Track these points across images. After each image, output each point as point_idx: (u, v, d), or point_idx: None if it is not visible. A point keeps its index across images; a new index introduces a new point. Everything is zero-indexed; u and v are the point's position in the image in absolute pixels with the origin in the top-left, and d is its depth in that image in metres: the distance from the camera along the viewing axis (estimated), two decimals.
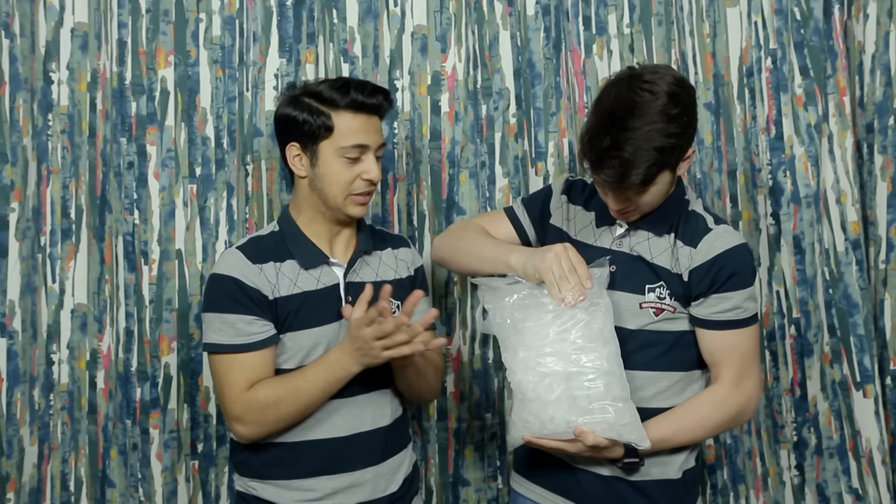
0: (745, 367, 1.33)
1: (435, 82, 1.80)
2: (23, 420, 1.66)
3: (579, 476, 1.36)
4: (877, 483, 1.82)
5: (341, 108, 1.36)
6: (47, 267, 1.73)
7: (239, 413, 1.32)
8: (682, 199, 1.37)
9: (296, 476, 1.36)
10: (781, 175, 1.83)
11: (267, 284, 1.35)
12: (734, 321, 1.31)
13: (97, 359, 1.74)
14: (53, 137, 1.73)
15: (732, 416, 1.34)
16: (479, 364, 1.81)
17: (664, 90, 1.23)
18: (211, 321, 1.35)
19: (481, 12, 1.82)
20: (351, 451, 1.38)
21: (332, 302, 1.39)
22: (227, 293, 1.33)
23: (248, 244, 1.40)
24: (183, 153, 1.72)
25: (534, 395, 1.27)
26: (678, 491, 1.35)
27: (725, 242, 1.31)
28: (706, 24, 1.88)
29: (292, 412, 1.32)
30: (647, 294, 1.33)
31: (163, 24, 1.72)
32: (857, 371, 1.82)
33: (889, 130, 1.84)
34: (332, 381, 1.31)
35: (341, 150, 1.35)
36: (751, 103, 1.86)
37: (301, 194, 1.42)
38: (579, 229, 1.45)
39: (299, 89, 1.42)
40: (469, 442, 1.81)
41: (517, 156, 1.82)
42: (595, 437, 1.22)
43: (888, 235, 1.85)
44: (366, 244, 1.46)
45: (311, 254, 1.39)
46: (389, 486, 1.42)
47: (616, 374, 1.26)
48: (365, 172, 1.37)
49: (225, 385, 1.33)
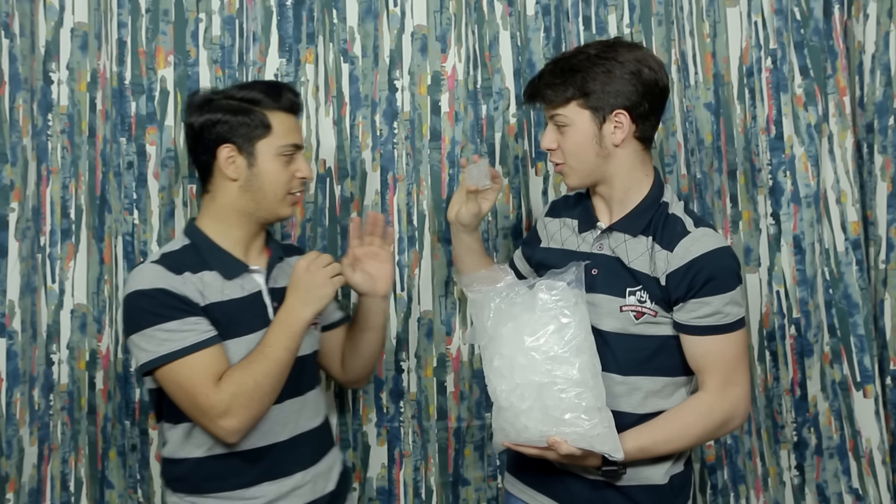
0: (731, 373, 1.30)
1: (435, 82, 1.79)
2: (22, 420, 1.66)
3: (567, 480, 1.36)
4: (877, 483, 1.82)
5: (275, 109, 1.38)
6: (47, 267, 1.73)
7: (224, 407, 1.26)
8: (657, 201, 1.35)
9: (238, 486, 1.34)
10: (781, 175, 1.83)
11: (195, 292, 1.31)
12: (716, 326, 1.28)
13: (97, 359, 1.74)
14: (53, 137, 1.73)
15: (718, 425, 1.31)
16: (478, 364, 1.80)
17: (621, 55, 1.30)
18: (151, 337, 1.27)
19: (481, 12, 1.82)
20: (290, 454, 1.38)
21: (258, 308, 1.39)
22: (160, 304, 1.28)
23: (164, 258, 1.35)
24: (183, 153, 1.72)
25: (507, 403, 1.27)
26: (665, 496, 1.33)
27: (702, 246, 1.28)
28: (706, 24, 1.88)
29: (272, 382, 1.29)
30: (627, 297, 1.31)
31: (162, 24, 1.72)
32: (858, 371, 1.82)
33: (889, 130, 1.84)
34: (292, 336, 1.32)
35: (280, 149, 1.37)
36: (751, 103, 1.86)
37: (224, 200, 1.38)
38: (565, 238, 1.45)
39: (214, 94, 1.40)
40: (469, 442, 1.81)
41: (517, 156, 1.82)
42: (568, 447, 1.22)
43: (888, 235, 1.85)
44: (278, 251, 1.48)
45: (230, 263, 1.38)
46: (327, 486, 1.44)
47: (589, 384, 1.24)
48: (299, 171, 1.40)
49: (195, 388, 1.26)
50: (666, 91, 1.35)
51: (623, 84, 1.30)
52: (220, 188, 1.39)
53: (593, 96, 1.31)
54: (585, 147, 1.33)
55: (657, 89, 1.32)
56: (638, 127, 1.32)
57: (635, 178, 1.36)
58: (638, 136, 1.33)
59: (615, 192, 1.37)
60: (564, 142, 1.35)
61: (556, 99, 1.34)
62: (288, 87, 1.43)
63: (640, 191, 1.36)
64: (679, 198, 1.41)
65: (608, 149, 1.33)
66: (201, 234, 1.39)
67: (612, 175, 1.35)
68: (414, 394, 1.80)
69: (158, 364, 1.28)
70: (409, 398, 1.80)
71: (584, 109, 1.32)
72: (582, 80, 1.31)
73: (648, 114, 1.32)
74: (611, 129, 1.32)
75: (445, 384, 1.79)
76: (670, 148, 1.84)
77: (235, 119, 1.35)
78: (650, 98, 1.31)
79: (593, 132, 1.32)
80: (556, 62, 1.36)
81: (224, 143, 1.36)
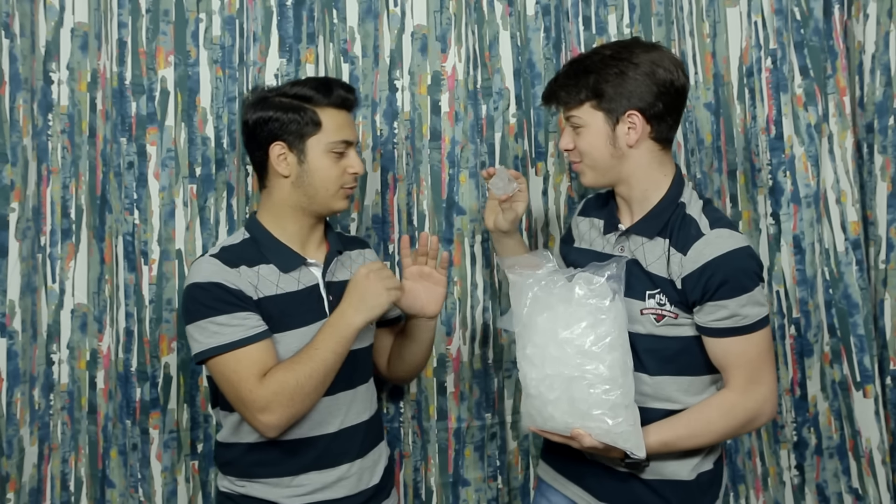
0: (754, 372, 1.29)
1: (435, 82, 1.79)
2: (23, 420, 1.66)
3: (597, 469, 1.38)
4: (877, 483, 1.82)
5: (326, 105, 1.39)
6: (47, 267, 1.73)
7: (264, 403, 1.29)
8: (674, 201, 1.34)
9: (286, 473, 1.38)
10: (781, 175, 1.83)
11: (249, 286, 1.36)
12: (735, 328, 1.27)
13: (97, 359, 1.74)
14: (53, 137, 1.73)
15: (742, 423, 1.31)
16: (479, 364, 1.81)
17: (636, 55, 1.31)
18: (203, 329, 1.33)
19: (481, 12, 1.82)
20: (338, 446, 1.41)
21: (313, 302, 1.41)
22: (214, 298, 1.33)
23: (222, 252, 1.40)
24: (183, 153, 1.72)
25: (536, 392, 1.29)
26: (692, 492, 1.34)
27: (715, 249, 1.26)
28: (706, 24, 1.88)
29: (315, 384, 1.31)
30: (647, 300, 1.31)
31: (163, 24, 1.72)
32: (857, 371, 1.82)
33: (889, 130, 1.84)
34: (340, 341, 1.32)
35: (330, 145, 1.39)
36: (751, 103, 1.86)
37: (279, 196, 1.42)
38: (593, 239, 1.46)
39: (268, 92, 1.43)
40: (469, 442, 1.81)
41: (517, 156, 1.82)
42: (591, 441, 1.25)
43: (888, 235, 1.85)
44: (337, 244, 1.50)
45: (288, 257, 1.41)
46: (372, 479, 1.46)
47: (619, 381, 1.25)
48: (350, 167, 1.41)
49: (240, 381, 1.30)
50: (683, 91, 1.34)
51: (636, 85, 1.30)
52: (274, 184, 1.42)
53: (606, 97, 1.31)
54: (600, 148, 1.34)
55: (673, 89, 1.31)
56: (653, 128, 1.32)
57: (653, 179, 1.35)
58: (654, 136, 1.33)
59: (634, 192, 1.37)
60: (580, 142, 1.36)
61: (570, 101, 1.34)
62: (340, 83, 1.45)
63: (659, 191, 1.35)
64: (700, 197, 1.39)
65: (622, 150, 1.33)
66: (260, 227, 1.43)
67: (629, 175, 1.35)
68: (414, 394, 1.80)
69: (208, 355, 1.33)
70: (409, 398, 1.80)
71: (597, 111, 1.32)
72: (595, 82, 1.31)
73: (664, 114, 1.31)
74: (624, 130, 1.31)
75: (445, 384, 1.79)
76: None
77: (286, 116, 1.38)
78: (665, 99, 1.31)
79: (607, 133, 1.32)
80: (571, 63, 1.37)
81: (275, 141, 1.39)
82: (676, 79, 1.31)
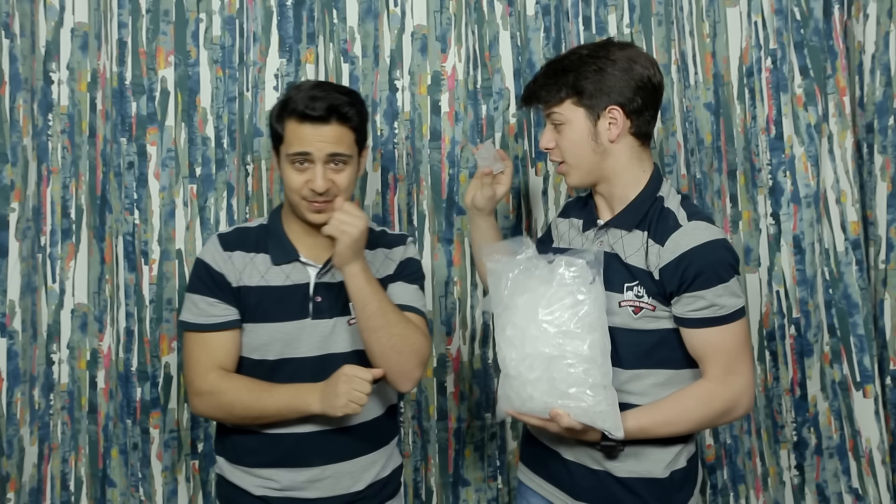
0: (732, 362, 1.31)
1: (435, 82, 1.80)
2: (23, 420, 1.67)
3: (571, 468, 1.38)
4: (877, 483, 1.82)
5: (288, 116, 1.37)
6: (47, 267, 1.73)
7: (198, 391, 1.36)
8: (653, 195, 1.36)
9: (258, 465, 1.39)
10: (781, 175, 1.83)
11: (232, 271, 1.39)
12: (712, 318, 1.29)
13: (97, 359, 1.74)
14: (53, 137, 1.73)
15: (719, 412, 1.32)
16: (479, 364, 1.81)
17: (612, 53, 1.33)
18: (186, 300, 1.42)
19: (481, 12, 1.82)
20: (312, 447, 1.39)
21: (295, 300, 1.40)
22: (198, 275, 1.40)
23: (231, 232, 1.45)
24: (183, 153, 1.72)
25: (515, 372, 1.29)
26: (666, 489, 1.35)
27: (692, 240, 1.28)
28: (706, 24, 1.88)
29: (245, 415, 1.36)
30: (625, 293, 1.33)
31: (163, 24, 1.72)
32: (857, 371, 1.82)
33: (889, 130, 1.84)
34: (291, 408, 1.34)
35: (289, 157, 1.37)
36: (751, 103, 1.86)
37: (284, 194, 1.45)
38: (572, 238, 1.47)
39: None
40: (469, 442, 1.81)
41: (517, 156, 1.82)
42: (569, 420, 1.25)
43: (888, 235, 1.85)
44: None
45: (283, 250, 1.42)
46: (354, 485, 1.42)
47: (598, 362, 1.26)
48: (309, 182, 1.36)
49: (190, 361, 1.38)
50: (659, 87, 1.36)
51: (615, 80, 1.32)
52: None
53: (586, 93, 1.33)
54: (582, 144, 1.35)
55: (650, 85, 1.34)
56: (633, 122, 1.34)
57: (633, 174, 1.37)
58: (633, 131, 1.35)
59: (614, 188, 1.38)
60: (561, 140, 1.37)
61: (550, 99, 1.36)
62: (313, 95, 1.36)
63: (638, 186, 1.37)
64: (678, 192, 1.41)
65: (604, 145, 1.35)
66: (277, 218, 1.46)
67: (611, 172, 1.37)
68: (414, 394, 1.80)
69: (182, 327, 1.42)
70: (409, 398, 1.80)
71: (578, 107, 1.34)
72: (574, 79, 1.33)
73: (643, 109, 1.34)
74: (605, 126, 1.33)
75: (445, 384, 1.79)
76: (670, 148, 1.84)
77: (271, 122, 1.41)
78: (643, 94, 1.33)
79: (588, 129, 1.34)
80: (549, 65, 1.39)
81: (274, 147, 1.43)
82: (653, 75, 1.35)
